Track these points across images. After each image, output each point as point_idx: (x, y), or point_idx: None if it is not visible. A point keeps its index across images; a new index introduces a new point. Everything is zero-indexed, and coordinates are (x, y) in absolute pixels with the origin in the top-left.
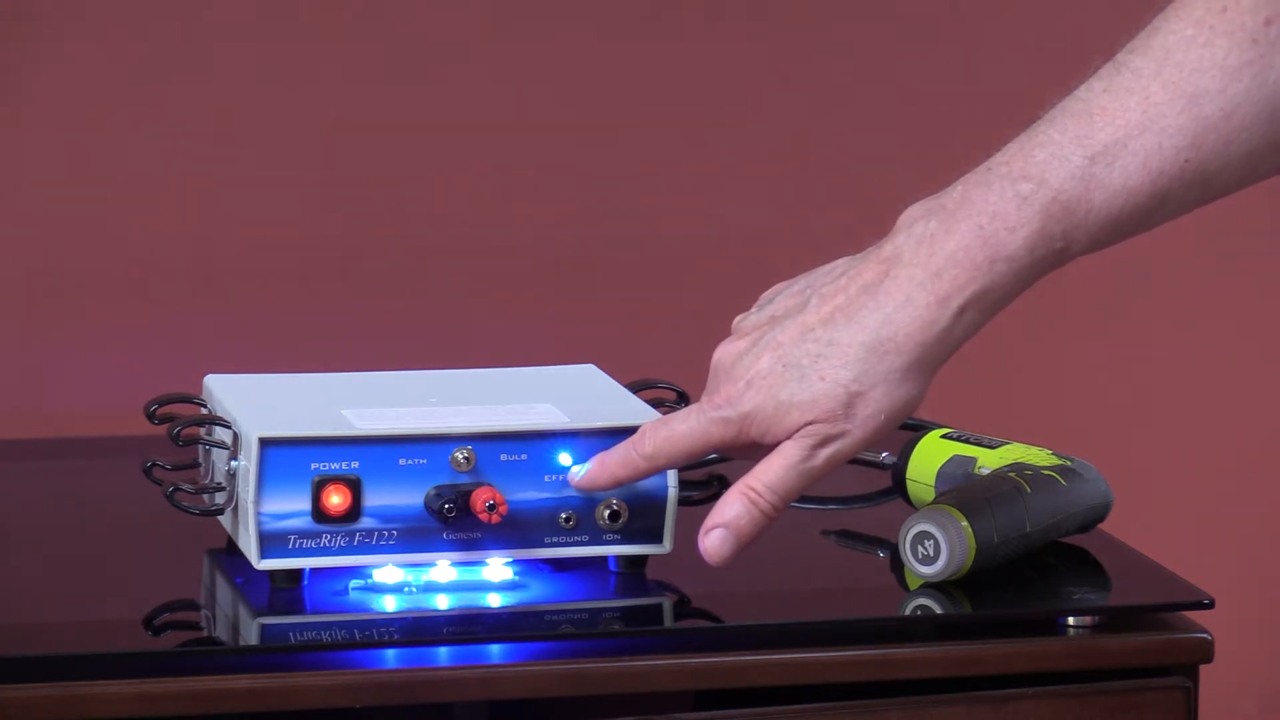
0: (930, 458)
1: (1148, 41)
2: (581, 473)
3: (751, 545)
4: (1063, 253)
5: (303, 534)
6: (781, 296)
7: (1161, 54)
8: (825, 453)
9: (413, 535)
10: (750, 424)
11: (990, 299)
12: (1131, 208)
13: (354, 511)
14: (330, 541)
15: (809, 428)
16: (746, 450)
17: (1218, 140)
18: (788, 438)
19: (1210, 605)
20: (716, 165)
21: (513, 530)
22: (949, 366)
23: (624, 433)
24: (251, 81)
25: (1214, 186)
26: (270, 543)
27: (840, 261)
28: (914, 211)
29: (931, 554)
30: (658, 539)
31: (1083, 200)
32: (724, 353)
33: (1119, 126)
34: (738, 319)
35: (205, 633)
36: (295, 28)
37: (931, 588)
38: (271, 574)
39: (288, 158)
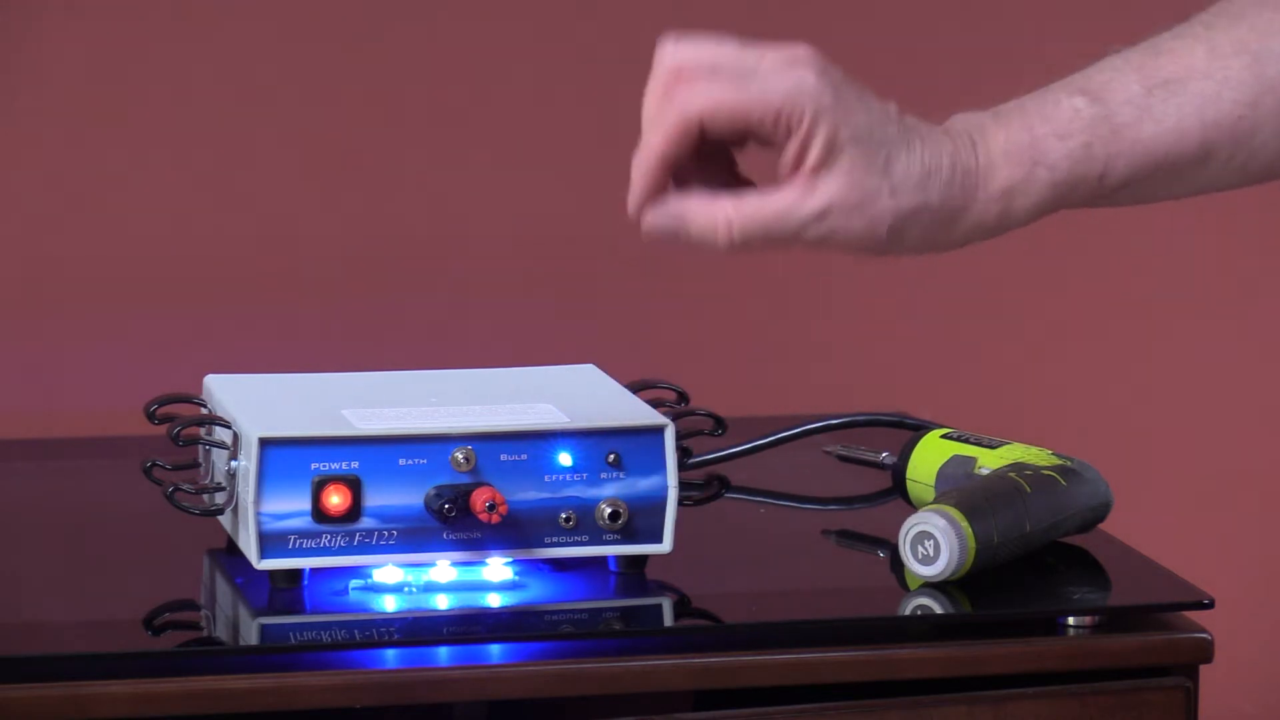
0: (930, 458)
1: (1224, 5)
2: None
3: None
4: (1100, 180)
5: (303, 534)
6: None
7: (1236, 14)
8: (821, 228)
9: (413, 535)
10: (821, 119)
11: (1020, 202)
12: (1178, 152)
13: (354, 511)
14: (330, 541)
15: (828, 186)
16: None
17: (1275, 104)
18: (816, 166)
19: (1210, 605)
20: None
21: (513, 530)
22: (950, 366)
23: (624, 433)
24: (252, 82)
25: (1258, 159)
26: (270, 543)
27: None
28: (964, 115)
29: (931, 554)
30: (658, 539)
31: (1132, 127)
32: (799, 53)
33: (1183, 66)
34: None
35: (205, 633)
36: (296, 28)
37: (931, 588)
38: (271, 574)
39: (288, 158)
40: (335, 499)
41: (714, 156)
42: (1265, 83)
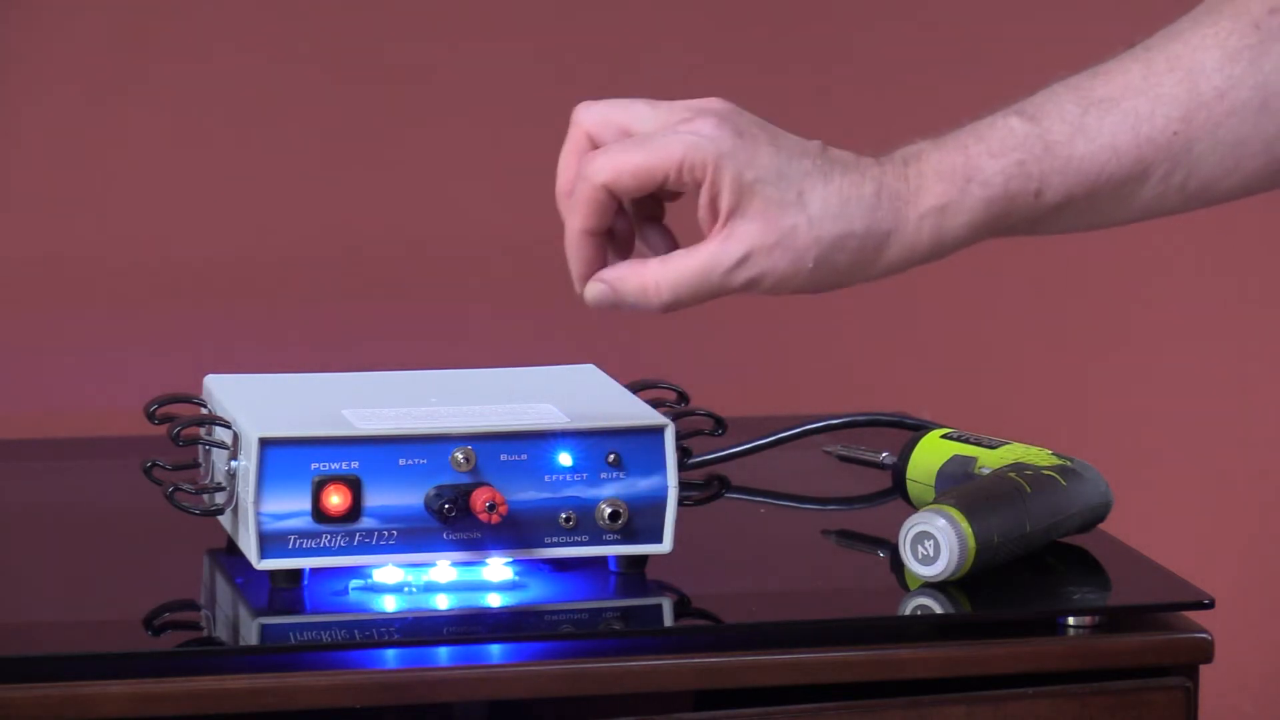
0: (930, 458)
1: (1167, 27)
2: (592, 292)
3: None
4: (1037, 196)
5: (303, 534)
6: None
7: (1174, 33)
8: (743, 275)
9: (413, 535)
10: (725, 168)
11: (953, 220)
12: (1113, 169)
13: (354, 511)
14: (330, 541)
15: (744, 234)
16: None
17: (1208, 119)
18: (729, 214)
19: (1210, 605)
20: None
21: (513, 530)
22: (950, 366)
23: (624, 433)
24: (252, 82)
25: (1198, 176)
26: (270, 543)
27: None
28: (909, 144)
29: (931, 554)
30: (658, 539)
31: (1066, 145)
32: (707, 104)
33: (1118, 86)
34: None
35: (205, 633)
36: (296, 29)
37: (931, 588)
38: (271, 574)
39: (288, 158)
40: (335, 499)
41: (653, 205)
42: (1197, 98)
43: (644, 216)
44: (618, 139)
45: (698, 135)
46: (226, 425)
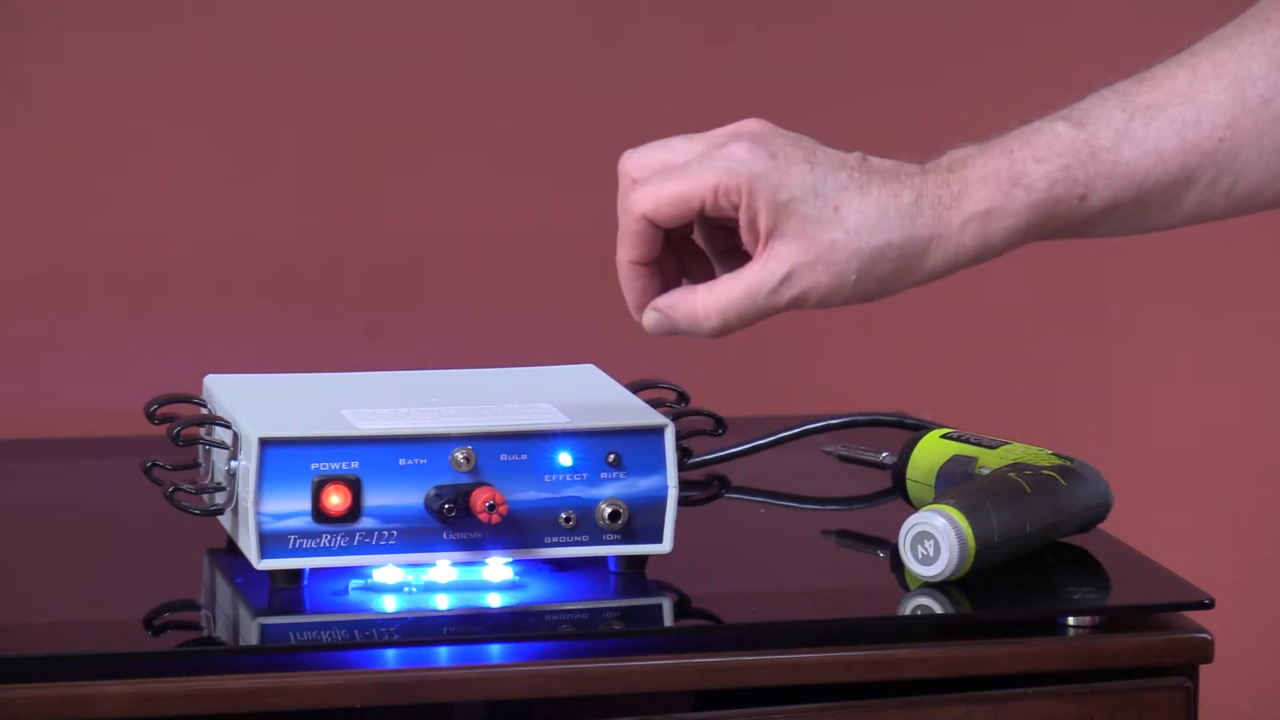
0: (930, 458)
1: (1214, 33)
2: (651, 320)
3: None
4: (1082, 200)
5: (303, 534)
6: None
7: (1221, 39)
8: (789, 293)
9: (413, 535)
10: (760, 190)
11: (998, 223)
12: (1158, 174)
13: (354, 511)
14: (330, 541)
15: (786, 253)
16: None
17: (1253, 127)
18: (767, 235)
19: (1210, 605)
20: None
21: (513, 530)
22: (950, 366)
23: (624, 433)
24: (252, 82)
25: (1243, 182)
26: (270, 543)
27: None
28: (955, 149)
29: (931, 554)
30: (658, 539)
31: (1112, 150)
32: (743, 128)
33: (1164, 92)
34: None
35: (205, 633)
36: (296, 29)
37: (931, 588)
38: (271, 574)
39: (288, 158)
40: (335, 499)
41: (716, 232)
42: (1243, 105)
43: (720, 249)
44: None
45: (730, 160)
46: (226, 425)
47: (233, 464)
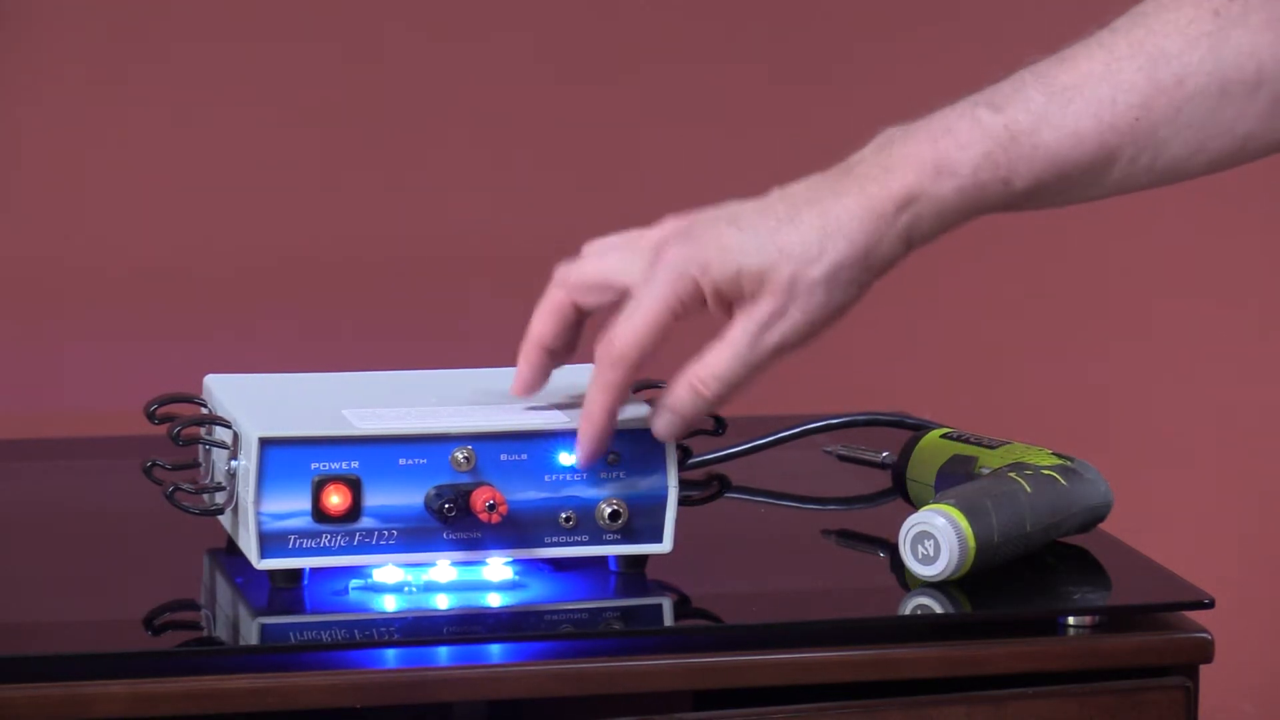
0: (930, 458)
1: (1134, 8)
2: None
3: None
4: (1006, 184)
5: (303, 534)
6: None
7: (1138, 16)
8: (771, 339)
9: (413, 535)
10: (708, 273)
11: (928, 208)
12: (1078, 155)
13: (354, 511)
14: (330, 541)
15: (754, 309)
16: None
17: (1168, 105)
18: (732, 304)
19: (1210, 605)
20: (716, 164)
21: (513, 530)
22: (950, 366)
23: (624, 433)
24: (252, 81)
25: (1164, 157)
26: (270, 542)
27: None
28: (885, 129)
29: (931, 554)
30: (658, 539)
31: (1032, 134)
32: (664, 231)
33: (1081, 73)
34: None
35: (205, 633)
36: (296, 29)
37: (931, 588)
38: (271, 574)
39: (288, 158)
40: (335, 499)
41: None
42: (1157, 85)
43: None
44: (599, 297)
45: (671, 265)
46: (226, 425)
47: (233, 464)
